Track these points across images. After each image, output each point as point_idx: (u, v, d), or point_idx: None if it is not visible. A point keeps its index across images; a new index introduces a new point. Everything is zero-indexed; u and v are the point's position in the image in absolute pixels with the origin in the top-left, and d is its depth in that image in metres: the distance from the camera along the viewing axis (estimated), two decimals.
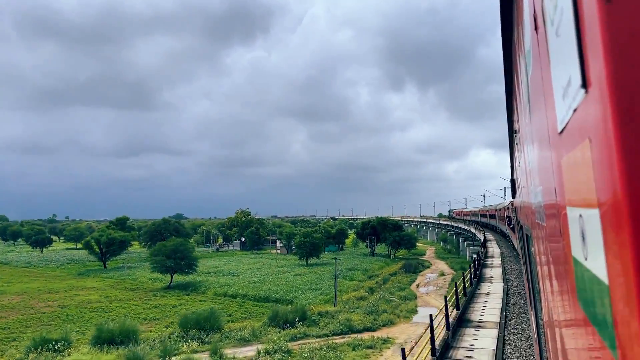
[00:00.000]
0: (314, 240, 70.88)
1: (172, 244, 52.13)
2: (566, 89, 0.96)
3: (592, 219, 0.80)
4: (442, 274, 63.24)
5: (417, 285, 55.19)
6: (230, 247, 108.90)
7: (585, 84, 0.77)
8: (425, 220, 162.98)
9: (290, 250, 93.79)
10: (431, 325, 13.94)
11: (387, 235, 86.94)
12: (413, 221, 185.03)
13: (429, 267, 74.44)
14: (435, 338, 13.96)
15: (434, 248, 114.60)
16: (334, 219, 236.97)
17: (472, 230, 77.42)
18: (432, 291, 51.92)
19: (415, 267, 68.80)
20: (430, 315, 14.81)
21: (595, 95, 0.70)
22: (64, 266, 73.14)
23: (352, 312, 38.23)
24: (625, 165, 0.60)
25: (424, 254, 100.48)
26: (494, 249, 51.18)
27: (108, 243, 68.04)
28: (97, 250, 68.94)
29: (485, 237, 59.31)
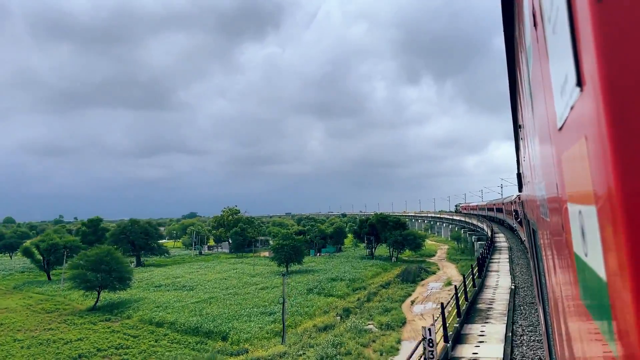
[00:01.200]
0: (294, 244, 59.22)
1: (94, 253, 41.12)
2: (563, 87, 0.97)
3: (590, 215, 0.81)
4: (449, 283, 50.75)
5: (413, 302, 43.01)
6: (219, 250, 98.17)
7: (580, 83, 0.77)
8: (439, 216, 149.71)
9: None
10: None
11: (388, 234, 74.86)
12: (427, 217, 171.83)
13: (434, 274, 62.10)
14: None
15: (446, 247, 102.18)
16: (344, 215, 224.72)
17: (482, 226, 69.83)
18: (429, 311, 39.70)
19: (415, 275, 56.45)
20: None
21: (590, 94, 0.70)
22: (6, 278, 63.06)
23: (300, 355, 26.45)
24: (619, 164, 0.61)
25: (434, 255, 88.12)
26: (500, 255, 38.79)
27: (49, 250, 57.55)
28: (40, 258, 58.68)
29: (492, 236, 48.34)
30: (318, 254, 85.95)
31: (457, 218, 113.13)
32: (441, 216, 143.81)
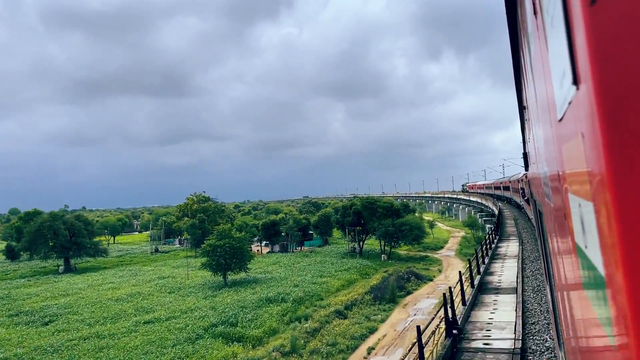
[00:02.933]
0: (232, 244, 42.66)
1: None
2: (562, 80, 0.98)
3: (588, 210, 0.84)
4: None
5: (371, 350, 25.93)
6: (177, 245, 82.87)
7: (576, 81, 0.79)
8: (456, 196, 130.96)
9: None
10: None
11: (377, 224, 57.61)
12: (443, 198, 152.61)
13: (431, 280, 44.74)
14: None
15: (462, 233, 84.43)
16: (354, 197, 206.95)
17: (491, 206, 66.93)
18: None
19: (395, 289, 38.98)
20: None
21: (584, 94, 0.72)
22: None
23: None
24: (613, 164, 0.62)
25: (442, 247, 70.77)
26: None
27: None
28: None
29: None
30: (299, 249, 69.49)
31: (475, 199, 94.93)
32: (458, 196, 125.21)
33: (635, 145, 0.61)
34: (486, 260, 22.80)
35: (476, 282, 17.70)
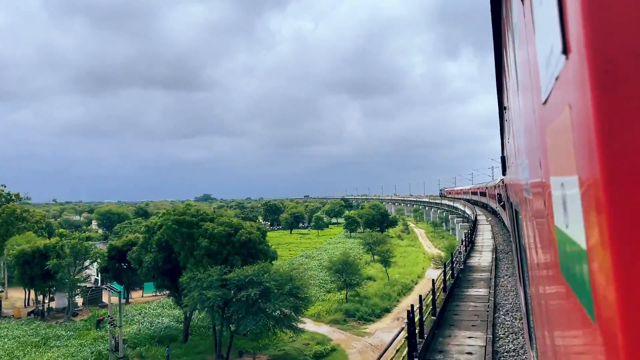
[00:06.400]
0: None
1: None
2: (549, 58, 0.97)
3: (571, 186, 0.81)
4: None
5: None
6: None
7: (565, 50, 0.77)
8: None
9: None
10: None
11: (199, 274, 25.48)
12: (441, 205, 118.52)
13: None
14: None
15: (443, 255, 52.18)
16: (344, 200, 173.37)
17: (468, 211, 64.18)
18: None
19: None
20: None
21: (575, 61, 0.70)
22: None
23: None
24: (602, 130, 0.60)
25: (389, 311, 38.17)
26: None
27: None
28: None
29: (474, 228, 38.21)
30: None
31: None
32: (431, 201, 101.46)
33: (628, 111, 0.59)
34: None
35: None
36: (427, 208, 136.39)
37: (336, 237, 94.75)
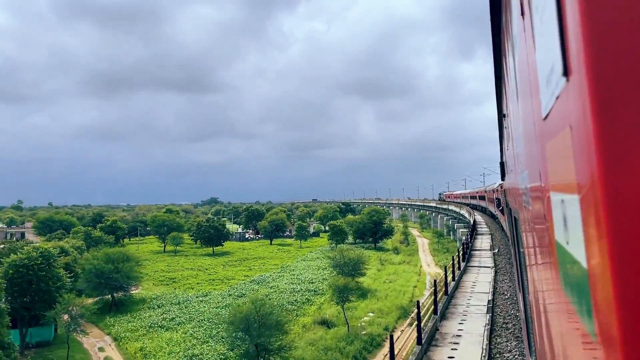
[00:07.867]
0: None
1: None
2: (549, 76, 0.98)
3: (572, 204, 0.82)
4: None
5: None
6: None
7: (566, 72, 0.77)
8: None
9: None
10: None
11: None
12: (441, 209, 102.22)
13: None
14: None
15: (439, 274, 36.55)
16: (345, 204, 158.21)
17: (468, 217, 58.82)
18: None
19: None
20: None
21: (575, 84, 0.70)
22: None
23: None
24: (603, 153, 0.61)
25: None
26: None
27: None
28: None
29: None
30: None
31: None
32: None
33: (629, 136, 0.59)
34: None
35: None
36: (434, 214, 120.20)
37: (317, 251, 79.49)
